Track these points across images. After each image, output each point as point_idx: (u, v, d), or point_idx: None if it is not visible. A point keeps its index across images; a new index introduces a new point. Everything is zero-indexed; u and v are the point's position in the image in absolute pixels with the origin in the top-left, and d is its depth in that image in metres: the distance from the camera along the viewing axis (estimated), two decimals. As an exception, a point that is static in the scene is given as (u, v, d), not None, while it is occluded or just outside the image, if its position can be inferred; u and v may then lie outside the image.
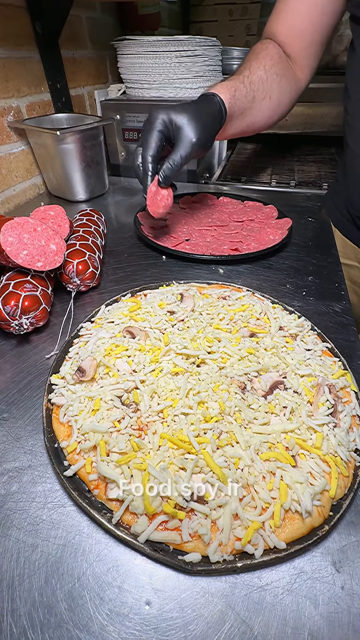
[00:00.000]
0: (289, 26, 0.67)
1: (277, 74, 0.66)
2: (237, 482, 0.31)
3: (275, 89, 0.67)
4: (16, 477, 0.33)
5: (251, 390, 0.39)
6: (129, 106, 1.00)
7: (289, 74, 0.69)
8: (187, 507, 0.29)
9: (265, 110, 0.69)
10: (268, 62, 0.66)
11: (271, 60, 0.66)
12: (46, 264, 0.48)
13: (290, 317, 0.50)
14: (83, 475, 0.32)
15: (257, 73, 0.65)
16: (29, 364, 0.45)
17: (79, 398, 0.36)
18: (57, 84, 0.94)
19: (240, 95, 0.62)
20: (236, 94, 0.62)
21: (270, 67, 0.66)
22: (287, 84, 0.69)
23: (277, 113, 0.72)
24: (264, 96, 0.66)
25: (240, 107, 0.63)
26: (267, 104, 0.68)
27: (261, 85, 0.65)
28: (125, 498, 0.29)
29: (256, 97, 0.65)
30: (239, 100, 0.62)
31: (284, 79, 0.68)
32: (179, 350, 0.42)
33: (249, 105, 0.65)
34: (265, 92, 0.66)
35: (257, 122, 0.70)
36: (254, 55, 0.68)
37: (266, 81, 0.65)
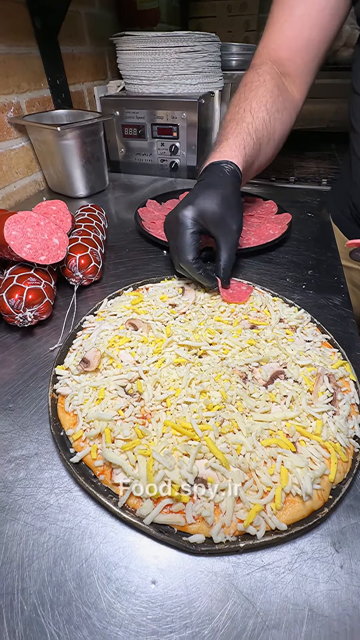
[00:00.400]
0: (293, 37, 0.61)
1: (278, 111, 0.62)
2: (239, 467, 0.32)
3: (277, 128, 0.63)
4: (23, 465, 0.34)
5: (252, 380, 0.40)
6: (129, 102, 1.01)
7: (288, 104, 0.65)
8: (191, 491, 0.30)
9: (269, 153, 0.65)
10: (269, 101, 0.61)
11: (272, 97, 0.61)
12: (49, 257, 0.49)
13: (290, 309, 0.50)
14: (89, 461, 0.32)
15: (260, 116, 0.60)
16: (33, 356, 0.46)
17: (84, 388, 0.37)
18: (56, 80, 0.94)
19: (250, 150, 0.58)
20: (246, 152, 0.57)
21: (272, 105, 0.61)
22: (288, 116, 0.65)
23: (278, 149, 0.68)
24: (268, 140, 0.62)
25: (250, 162, 0.60)
26: (271, 146, 0.64)
27: (265, 130, 0.60)
28: (131, 483, 0.30)
29: (262, 144, 0.61)
30: (249, 157, 0.58)
31: (285, 113, 0.64)
32: (181, 341, 0.42)
33: (256, 157, 0.61)
34: (269, 135, 0.62)
35: (261, 165, 0.66)
36: (252, 92, 0.62)
37: (269, 123, 0.61)
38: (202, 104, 0.97)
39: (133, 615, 0.25)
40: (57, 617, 0.25)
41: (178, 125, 0.99)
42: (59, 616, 0.25)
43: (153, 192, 0.95)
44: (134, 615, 0.25)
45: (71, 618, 0.25)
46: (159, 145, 1.04)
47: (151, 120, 1.01)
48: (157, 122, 1.00)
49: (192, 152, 1.02)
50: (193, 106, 0.95)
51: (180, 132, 1.00)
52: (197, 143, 1.00)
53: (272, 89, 0.62)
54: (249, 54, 1.21)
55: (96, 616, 0.25)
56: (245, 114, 0.60)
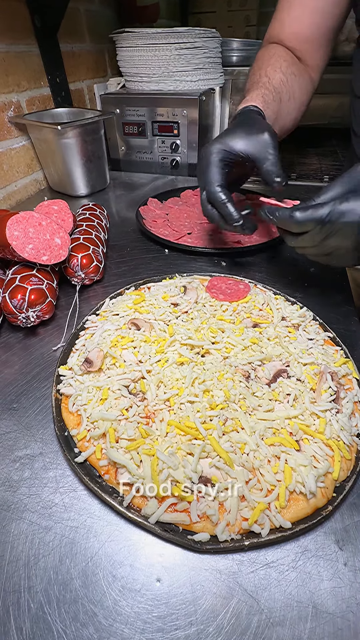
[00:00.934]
0: (295, 33, 0.65)
1: (294, 74, 0.64)
2: (243, 466, 0.32)
3: (296, 88, 0.65)
4: (28, 464, 0.34)
5: (255, 379, 0.40)
6: (129, 100, 1.00)
7: (305, 73, 0.67)
8: (195, 490, 0.30)
9: (292, 112, 0.66)
10: (283, 64, 0.63)
11: (285, 61, 0.64)
12: (51, 257, 0.49)
13: (293, 307, 0.50)
14: (93, 461, 0.33)
15: (277, 76, 0.62)
16: (36, 356, 0.46)
17: (87, 388, 0.37)
18: (56, 78, 0.93)
19: (269, 99, 0.60)
20: (266, 99, 0.59)
21: (287, 68, 0.64)
22: (304, 83, 0.67)
23: (300, 112, 0.69)
24: (288, 97, 0.63)
25: (273, 112, 0.61)
26: (292, 104, 0.65)
27: (284, 87, 0.62)
28: (135, 482, 0.30)
29: (282, 99, 0.62)
30: (269, 105, 0.60)
31: (301, 78, 0.66)
32: (184, 340, 0.42)
33: (277, 108, 0.62)
34: (289, 93, 0.63)
35: (286, 125, 0.67)
36: (264, 62, 0.65)
37: (286, 82, 0.63)
38: (202, 100, 0.97)
39: (138, 613, 0.25)
40: (63, 615, 0.25)
41: (179, 123, 0.99)
42: (66, 614, 0.25)
43: (154, 190, 0.95)
44: (139, 613, 0.25)
45: (77, 616, 0.25)
46: (159, 143, 1.03)
47: (152, 118, 1.00)
48: (158, 119, 1.00)
49: (193, 149, 1.02)
50: (194, 103, 0.95)
51: (180, 130, 1.00)
52: (198, 140, 1.00)
53: (285, 56, 0.64)
54: (250, 50, 1.20)
55: (102, 614, 0.25)
56: (261, 77, 0.62)
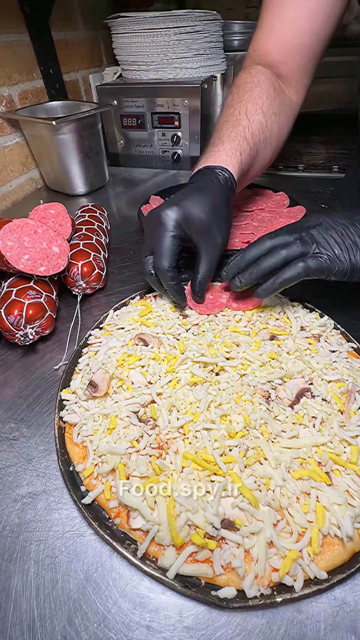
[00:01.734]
0: (285, 42, 0.56)
1: (275, 114, 0.57)
2: (270, 505, 0.28)
3: (275, 132, 0.58)
4: (30, 504, 0.31)
5: (276, 400, 0.36)
6: (127, 90, 0.95)
7: (286, 107, 0.59)
8: (218, 536, 0.27)
9: (267, 157, 0.60)
10: (265, 102, 0.55)
11: (268, 98, 0.56)
12: (49, 268, 0.45)
13: (311, 315, 0.46)
14: (102, 502, 0.29)
15: (256, 119, 0.54)
16: (37, 376, 0.43)
17: (93, 416, 0.34)
18: (49, 69, 0.88)
19: (246, 157, 0.53)
20: (243, 159, 0.52)
21: (268, 108, 0.56)
22: (285, 119, 0.60)
23: (275, 153, 0.62)
24: (265, 145, 0.57)
25: (245, 170, 0.54)
26: (268, 150, 0.58)
27: (262, 134, 0.55)
28: (150, 529, 0.27)
29: (259, 150, 0.56)
30: (244, 164, 0.53)
31: (282, 115, 0.58)
32: (196, 358, 0.39)
33: (252, 163, 0.56)
34: (266, 140, 0.57)
35: (257, 173, 0.61)
36: (246, 93, 0.57)
37: (266, 126, 0.56)
38: (204, 89, 0.91)
39: None
40: None
41: (179, 113, 0.93)
42: None
43: (155, 186, 0.90)
44: None
45: None
46: (159, 136, 0.98)
47: (151, 109, 0.95)
48: (157, 110, 0.95)
49: (195, 141, 0.97)
50: (195, 92, 0.89)
51: (182, 121, 0.94)
52: (201, 132, 0.95)
53: (268, 89, 0.56)
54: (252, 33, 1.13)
55: None
56: (240, 116, 0.54)
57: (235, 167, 0.50)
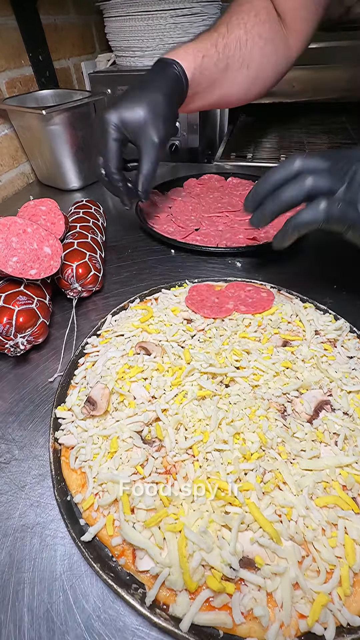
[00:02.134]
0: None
1: (260, 37, 0.52)
2: (293, 539, 0.25)
3: (256, 56, 0.53)
4: (24, 539, 0.28)
5: (293, 414, 0.33)
6: (121, 78, 0.90)
7: (277, 38, 0.54)
8: (236, 577, 0.24)
9: (241, 82, 0.55)
10: (251, 20, 0.51)
11: (256, 17, 0.52)
12: (41, 270, 0.41)
13: (326, 318, 0.43)
14: (104, 538, 0.26)
15: (236, 32, 0.51)
16: (30, 389, 0.39)
17: (92, 438, 0.31)
18: (38, 55, 0.83)
19: (210, 63, 0.49)
20: (204, 62, 0.49)
21: (253, 27, 0.51)
22: (273, 51, 0.54)
23: (256, 86, 0.57)
24: (240, 65, 0.52)
25: (209, 78, 0.50)
26: (243, 74, 0.53)
27: (238, 50, 0.51)
28: (160, 572, 0.24)
29: (230, 65, 0.51)
30: (206, 70, 0.49)
31: (269, 44, 0.53)
32: (204, 369, 0.35)
33: (220, 76, 0.52)
34: (243, 60, 0.52)
35: (231, 95, 0.56)
36: (236, 7, 0.53)
37: (245, 45, 0.51)
38: (203, 76, 0.86)
39: None
40: None
41: (177, 102, 0.88)
42: None
43: (153, 180, 0.86)
44: None
45: None
46: (156, 126, 0.93)
47: (147, 98, 0.90)
48: (154, 99, 0.90)
49: (194, 131, 0.92)
50: (193, 79, 0.85)
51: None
52: (199, 121, 0.90)
53: (260, 11, 0.53)
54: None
55: None
56: (220, 26, 0.52)
57: (191, 64, 0.48)
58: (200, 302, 0.44)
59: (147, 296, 0.48)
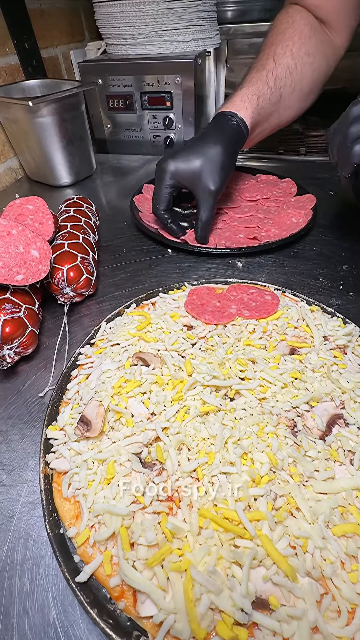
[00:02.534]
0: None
1: (308, 54, 0.54)
2: (309, 575, 0.23)
3: (307, 75, 0.55)
4: (12, 578, 0.25)
5: (304, 430, 0.31)
6: (112, 67, 0.85)
7: (324, 47, 0.56)
8: (249, 621, 0.21)
9: (295, 103, 0.58)
10: (297, 43, 0.53)
11: (300, 39, 0.53)
12: (28, 275, 0.38)
13: (334, 322, 0.41)
14: (102, 578, 0.24)
15: (284, 62, 0.53)
16: (18, 405, 0.36)
17: (86, 463, 0.28)
18: (24, 42, 0.78)
19: (265, 101, 0.52)
20: (260, 103, 0.52)
21: (300, 48, 0.53)
22: (323, 61, 0.56)
23: (309, 100, 0.60)
24: (292, 89, 0.55)
25: (266, 114, 0.54)
26: (297, 95, 0.56)
27: (288, 78, 0.53)
28: (164, 619, 0.21)
29: (283, 94, 0.54)
30: (263, 109, 0.53)
31: (319, 57, 0.55)
32: (207, 381, 0.33)
33: (275, 108, 0.55)
34: (295, 84, 0.55)
35: (287, 117, 0.59)
36: (278, 35, 0.54)
37: (295, 69, 0.53)
38: (198, 64, 0.83)
39: None
40: None
41: (171, 93, 0.85)
42: None
43: (148, 175, 0.82)
44: None
45: None
46: (150, 118, 0.90)
47: (140, 88, 0.86)
48: (147, 90, 0.86)
49: (190, 124, 0.88)
50: (188, 68, 0.81)
51: (174, 101, 0.86)
52: (195, 113, 0.86)
53: (302, 29, 0.54)
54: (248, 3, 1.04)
55: None
56: (267, 60, 0.54)
57: (248, 111, 0.51)
58: (201, 307, 0.42)
59: (143, 300, 0.45)
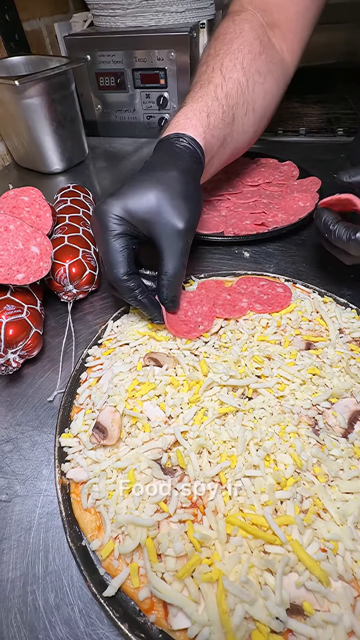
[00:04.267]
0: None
1: (259, 73, 0.46)
2: (342, 578, 0.23)
3: (259, 95, 0.47)
4: (35, 593, 0.24)
5: (325, 428, 0.30)
6: (101, 42, 0.80)
7: (274, 67, 0.48)
8: (284, 629, 0.21)
9: (250, 127, 0.48)
10: (247, 57, 0.45)
11: (250, 52, 0.45)
12: (29, 274, 0.36)
13: (348, 313, 0.39)
14: (130, 591, 0.23)
15: (234, 77, 0.44)
16: (27, 411, 0.35)
17: (105, 472, 0.27)
18: (4, 14, 0.72)
19: (216, 120, 0.42)
20: (211, 121, 0.41)
21: (250, 64, 0.45)
22: (274, 83, 0.49)
23: (262, 125, 0.52)
24: (245, 110, 0.46)
25: (219, 136, 0.43)
26: (250, 118, 0.47)
27: (241, 97, 0.44)
28: (199, 632, 0.21)
29: (236, 115, 0.45)
30: (215, 129, 0.42)
31: (269, 77, 0.48)
32: (224, 381, 0.32)
33: (229, 130, 0.45)
34: (247, 104, 0.46)
35: (242, 143, 0.50)
36: (224, 46, 0.46)
37: (246, 87, 0.45)
38: (193, 37, 0.77)
39: None
40: None
41: (165, 70, 0.80)
42: None
43: (142, 160, 0.78)
44: None
45: None
46: (143, 98, 0.85)
47: (131, 65, 0.81)
48: (139, 66, 0.81)
49: (186, 104, 0.84)
50: (183, 41, 0.76)
51: (168, 79, 0.81)
52: (191, 92, 0.82)
53: (252, 42, 0.46)
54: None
55: None
56: (214, 73, 0.44)
57: (199, 129, 0.40)
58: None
59: (150, 296, 0.43)
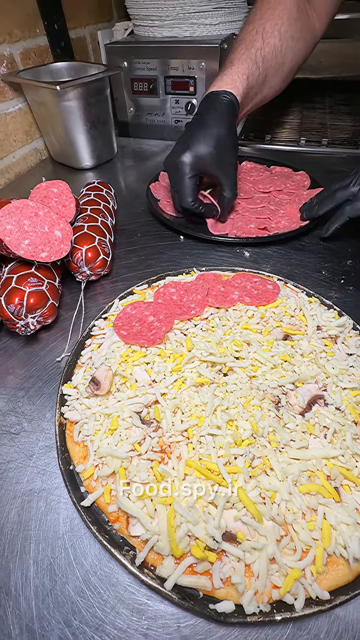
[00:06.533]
0: None
1: (293, 38, 0.56)
2: (274, 520, 0.27)
3: (289, 58, 0.58)
4: (31, 502, 0.31)
5: (286, 406, 0.35)
6: (138, 50, 0.86)
7: (305, 33, 0.58)
8: (218, 549, 0.26)
9: (276, 84, 0.61)
10: (285, 24, 0.55)
11: (288, 20, 0.55)
12: (51, 253, 0.42)
13: (330, 313, 0.43)
14: (102, 505, 0.29)
15: (272, 42, 0.55)
16: (38, 367, 0.41)
17: (94, 415, 0.33)
18: (54, 23, 0.80)
19: (253, 80, 0.55)
20: (249, 82, 0.54)
21: (287, 30, 0.55)
22: (304, 46, 0.59)
23: (287, 81, 0.63)
24: (276, 71, 0.58)
25: (252, 94, 0.57)
26: (279, 76, 0.59)
27: (274, 60, 0.56)
28: (149, 538, 0.26)
29: (268, 75, 0.57)
30: (251, 89, 0.56)
31: (301, 41, 0.58)
32: (204, 357, 0.37)
33: (260, 88, 0.58)
34: (278, 66, 0.57)
35: (268, 96, 0.62)
36: (268, 10, 0.56)
37: (280, 51, 0.56)
38: (224, 49, 0.82)
39: None
40: None
41: (195, 78, 0.85)
42: None
43: (167, 161, 0.84)
44: None
45: None
46: (173, 103, 0.91)
47: (164, 72, 0.87)
48: (171, 74, 0.87)
49: (212, 110, 0.89)
50: (213, 52, 0.81)
51: (197, 87, 0.86)
52: (218, 100, 0.87)
53: (291, 9, 0.56)
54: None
55: None
56: (256, 36, 0.56)
57: (240, 89, 0.53)
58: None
59: (154, 282, 0.49)
